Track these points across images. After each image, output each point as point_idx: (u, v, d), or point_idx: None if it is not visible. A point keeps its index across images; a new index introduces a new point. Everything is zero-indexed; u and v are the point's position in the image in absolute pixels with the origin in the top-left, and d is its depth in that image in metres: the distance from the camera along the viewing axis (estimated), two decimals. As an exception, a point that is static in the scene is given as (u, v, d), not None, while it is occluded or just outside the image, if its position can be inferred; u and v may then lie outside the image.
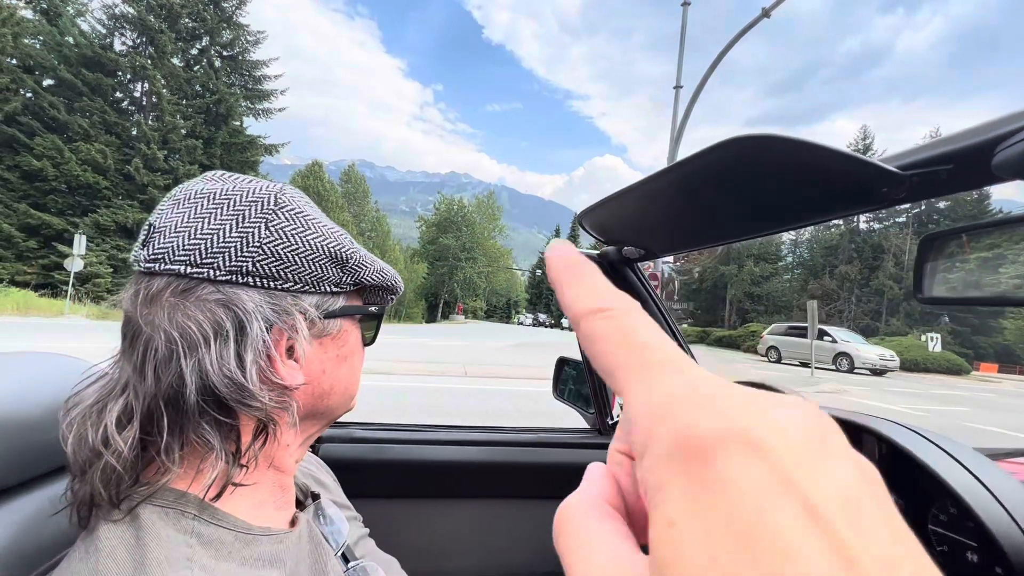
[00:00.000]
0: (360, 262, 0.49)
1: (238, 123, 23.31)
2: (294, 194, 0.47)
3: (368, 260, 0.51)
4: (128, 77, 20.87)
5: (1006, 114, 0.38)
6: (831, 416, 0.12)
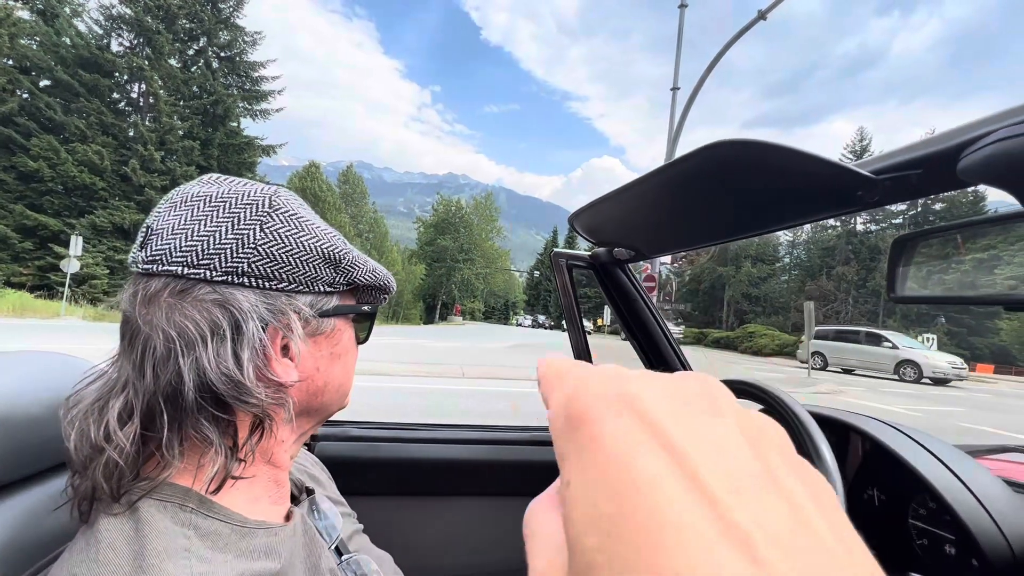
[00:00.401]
0: (353, 262, 0.50)
1: (235, 124, 23.27)
2: (288, 197, 0.48)
3: (361, 260, 0.52)
4: (125, 78, 20.82)
5: (970, 121, 0.40)
6: (813, 411, 0.12)
